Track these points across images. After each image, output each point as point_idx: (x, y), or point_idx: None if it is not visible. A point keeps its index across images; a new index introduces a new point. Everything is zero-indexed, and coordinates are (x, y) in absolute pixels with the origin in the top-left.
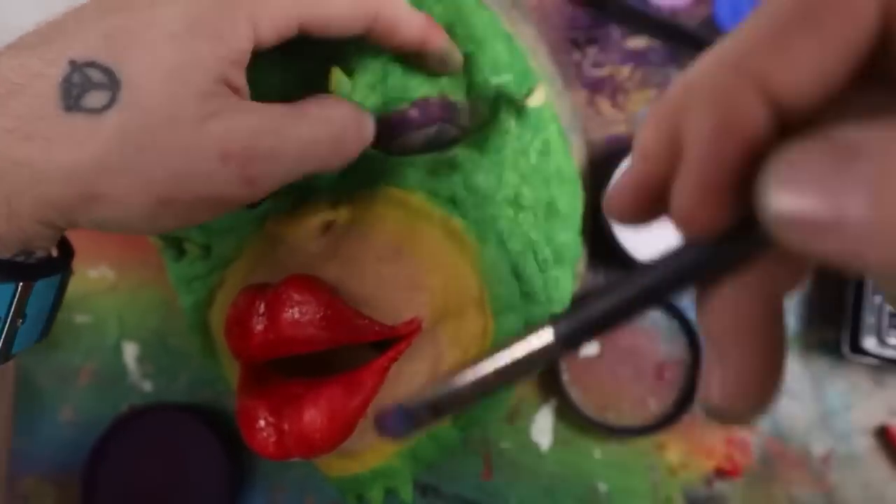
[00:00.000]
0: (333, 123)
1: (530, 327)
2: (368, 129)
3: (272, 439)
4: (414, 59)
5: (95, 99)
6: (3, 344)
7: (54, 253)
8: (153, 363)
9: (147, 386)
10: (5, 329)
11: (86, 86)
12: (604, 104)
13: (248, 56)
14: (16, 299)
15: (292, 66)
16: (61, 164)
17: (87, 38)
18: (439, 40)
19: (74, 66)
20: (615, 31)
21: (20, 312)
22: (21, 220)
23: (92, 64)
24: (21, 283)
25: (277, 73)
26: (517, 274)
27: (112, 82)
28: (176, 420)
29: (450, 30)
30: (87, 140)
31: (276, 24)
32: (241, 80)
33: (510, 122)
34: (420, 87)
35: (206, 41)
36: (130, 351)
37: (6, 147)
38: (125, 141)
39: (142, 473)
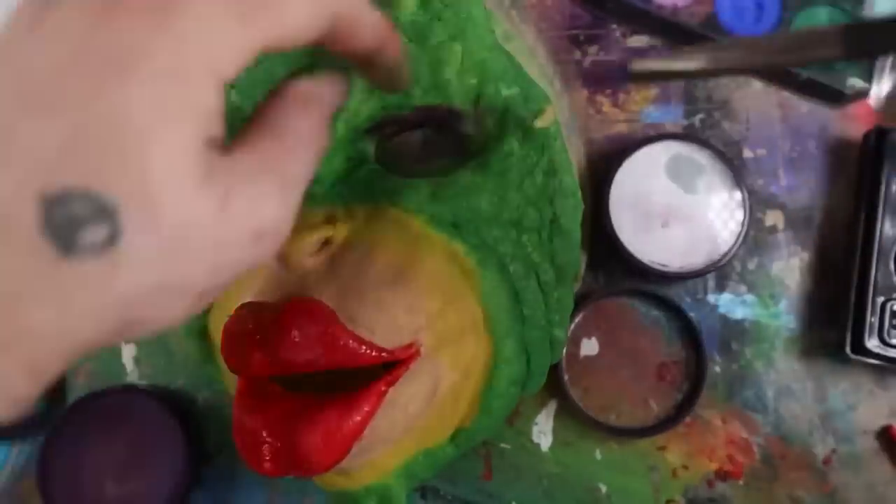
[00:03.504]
0: (314, 136)
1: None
2: (340, 92)
3: (268, 457)
4: (361, 68)
5: (93, 235)
6: None
7: None
8: (151, 364)
9: (144, 387)
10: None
11: (74, 223)
12: (604, 103)
13: (223, 104)
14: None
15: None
16: (86, 311)
17: (43, 157)
18: (395, 50)
19: (48, 202)
20: (616, 30)
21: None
22: (47, 374)
23: (68, 194)
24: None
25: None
26: (518, 298)
27: (103, 210)
28: (133, 401)
29: (460, 35)
30: (106, 279)
31: (236, 63)
32: (222, 127)
33: (514, 146)
34: (424, 96)
35: (181, 118)
36: (128, 352)
37: (17, 315)
38: (151, 265)
39: (97, 454)
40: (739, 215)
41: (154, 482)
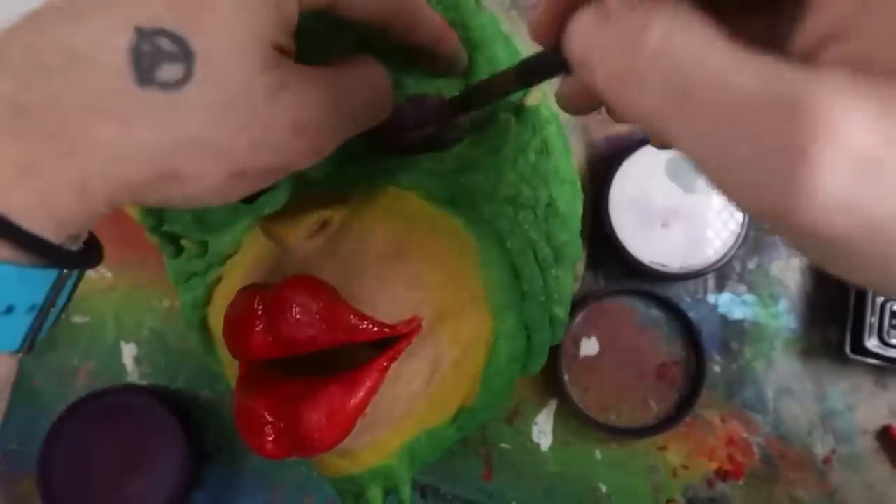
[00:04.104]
0: (375, 84)
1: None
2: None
3: (270, 438)
4: (424, 58)
5: (170, 72)
6: (32, 333)
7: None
8: (151, 363)
9: (145, 386)
10: (38, 317)
11: (157, 56)
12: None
13: (296, 21)
14: (54, 287)
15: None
16: (140, 143)
17: (148, 1)
18: (453, 43)
19: (142, 34)
20: None
21: (53, 301)
22: (94, 201)
23: (160, 32)
24: (64, 271)
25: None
26: (517, 273)
27: (184, 53)
28: (134, 401)
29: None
30: (165, 118)
31: None
32: (292, 45)
33: (510, 121)
34: (415, 86)
35: (264, 7)
36: (128, 351)
37: (81, 125)
38: (204, 118)
39: (98, 453)
40: (739, 215)
41: (154, 482)
